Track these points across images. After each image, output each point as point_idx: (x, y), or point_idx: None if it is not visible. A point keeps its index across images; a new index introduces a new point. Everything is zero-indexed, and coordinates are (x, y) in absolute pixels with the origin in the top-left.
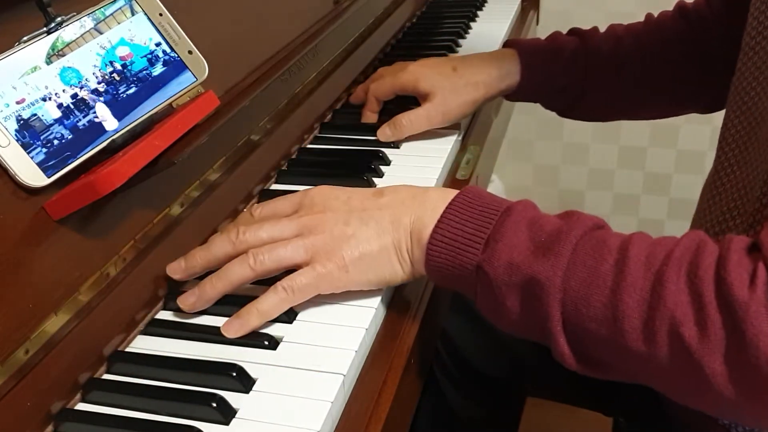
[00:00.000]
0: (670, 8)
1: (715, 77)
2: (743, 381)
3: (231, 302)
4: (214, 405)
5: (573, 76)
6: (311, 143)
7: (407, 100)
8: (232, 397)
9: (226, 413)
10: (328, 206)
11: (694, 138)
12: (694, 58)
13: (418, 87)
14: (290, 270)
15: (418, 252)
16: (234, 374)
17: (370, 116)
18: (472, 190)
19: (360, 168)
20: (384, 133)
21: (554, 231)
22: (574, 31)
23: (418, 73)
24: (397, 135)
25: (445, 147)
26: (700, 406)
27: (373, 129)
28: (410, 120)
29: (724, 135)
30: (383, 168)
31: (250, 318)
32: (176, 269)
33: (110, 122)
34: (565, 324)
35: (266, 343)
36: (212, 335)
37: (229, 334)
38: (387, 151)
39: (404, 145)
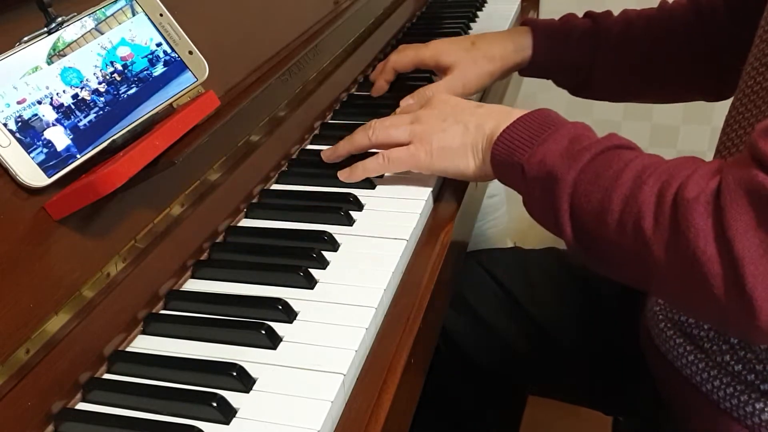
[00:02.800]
0: None
1: (721, 67)
2: (678, 267)
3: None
4: (215, 405)
5: (583, 55)
6: (311, 143)
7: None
8: (232, 397)
9: (227, 413)
10: (440, 106)
11: (694, 138)
12: (701, 47)
13: (440, 60)
14: None
15: (488, 151)
16: (234, 374)
17: (383, 86)
18: (544, 110)
19: None
20: (407, 103)
21: (588, 144)
22: (588, 14)
23: (440, 47)
24: (419, 104)
25: None
26: (657, 292)
27: None
28: (433, 91)
29: (731, 116)
30: None
31: (356, 170)
32: (328, 154)
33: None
34: (571, 215)
35: (267, 342)
36: (213, 335)
37: (342, 177)
38: None
39: None
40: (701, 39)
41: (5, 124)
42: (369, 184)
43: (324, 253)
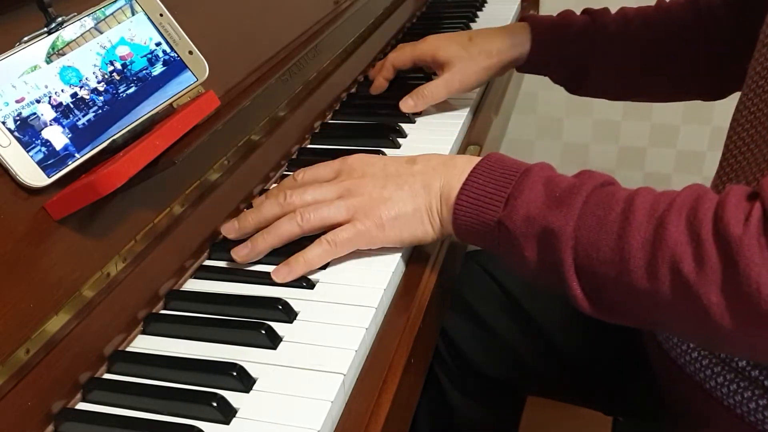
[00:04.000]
0: None
1: (719, 66)
2: (737, 310)
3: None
4: (215, 404)
5: (579, 52)
6: (312, 143)
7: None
8: (232, 397)
9: (227, 413)
10: (366, 172)
11: (694, 138)
12: (699, 46)
13: (437, 56)
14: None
15: (446, 212)
16: (234, 374)
17: (382, 83)
18: (495, 156)
19: None
20: (407, 103)
21: (568, 187)
22: (585, 11)
23: (437, 43)
24: (419, 104)
25: (445, 147)
26: (699, 339)
27: (374, 129)
28: (431, 90)
29: (737, 118)
30: None
31: (297, 265)
32: (230, 229)
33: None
34: (578, 269)
35: (267, 342)
36: (213, 335)
37: (279, 278)
38: (387, 151)
39: (404, 145)
40: (699, 38)
41: (4, 123)
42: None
43: None
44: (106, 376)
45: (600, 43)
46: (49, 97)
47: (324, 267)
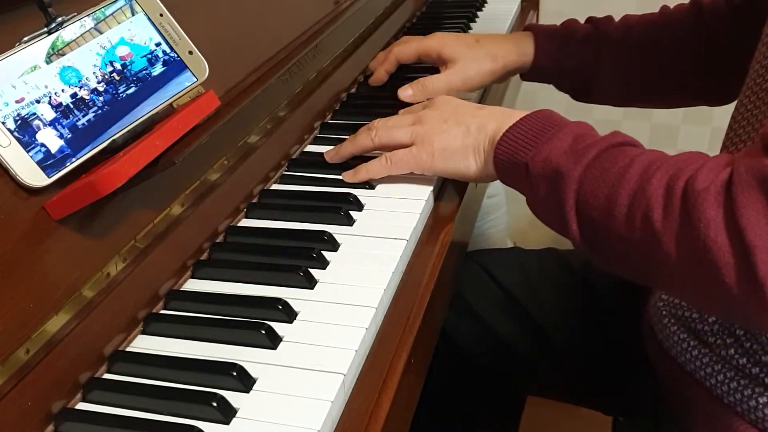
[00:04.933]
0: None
1: (723, 72)
2: (690, 258)
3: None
4: (215, 404)
5: (584, 60)
6: (311, 143)
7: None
8: (232, 397)
9: (227, 413)
10: (441, 107)
11: (694, 138)
12: (704, 53)
13: (443, 53)
14: None
15: (490, 151)
16: (234, 374)
17: (382, 76)
18: (546, 112)
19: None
20: (406, 92)
21: (592, 142)
22: (589, 19)
23: (444, 40)
24: (417, 96)
25: None
26: (665, 287)
27: None
28: (432, 83)
29: (735, 116)
30: None
31: (359, 171)
32: (331, 155)
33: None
34: (577, 211)
35: (267, 342)
36: (213, 335)
37: (346, 177)
38: None
39: None
40: (703, 44)
41: (4, 123)
42: (368, 184)
43: (324, 253)
44: (106, 376)
45: (604, 51)
46: (49, 98)
47: (324, 267)
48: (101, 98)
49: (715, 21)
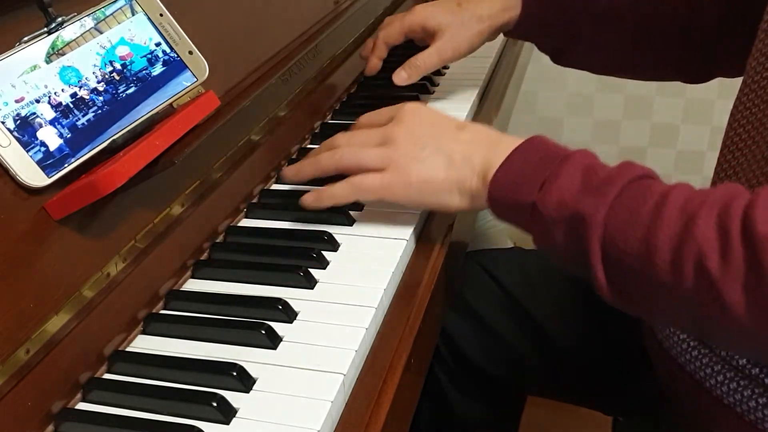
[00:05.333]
0: None
1: (707, 46)
2: (759, 310)
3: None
4: (215, 404)
5: (569, 21)
6: (311, 143)
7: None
8: (232, 397)
9: (227, 413)
10: (414, 125)
11: (694, 137)
12: (690, 26)
13: (426, 25)
14: None
15: (481, 187)
16: (234, 374)
17: (376, 64)
18: (538, 138)
19: None
20: (400, 75)
21: (606, 176)
22: None
23: (424, 12)
24: (413, 75)
25: None
26: (721, 338)
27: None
28: (423, 60)
29: (735, 114)
30: None
31: (323, 195)
32: (290, 174)
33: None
34: (604, 257)
35: (267, 342)
36: (213, 335)
37: (306, 203)
38: None
39: None
40: (690, 14)
41: (3, 123)
42: None
43: (324, 253)
44: (106, 376)
45: (590, 14)
46: (49, 97)
47: (324, 267)
48: (101, 98)
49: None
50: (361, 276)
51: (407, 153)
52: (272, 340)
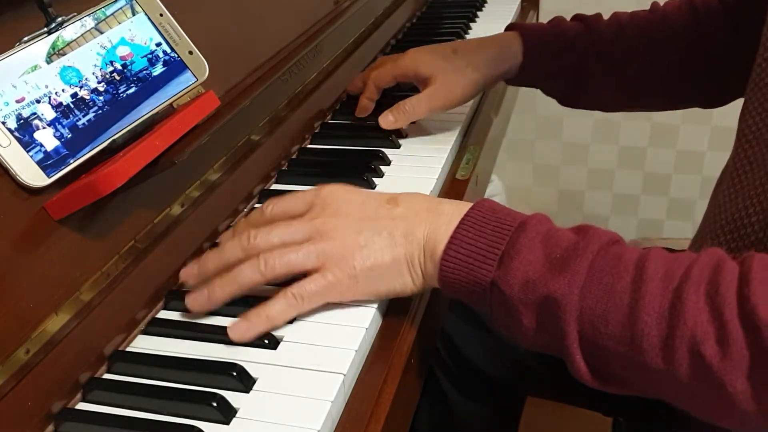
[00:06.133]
0: None
1: (718, 73)
2: (766, 397)
3: (236, 303)
4: (215, 404)
5: (574, 61)
6: (312, 143)
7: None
8: (232, 397)
9: (227, 413)
10: (341, 210)
11: (694, 138)
12: (699, 52)
13: (419, 71)
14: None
15: (431, 266)
16: (234, 374)
17: (367, 105)
18: (486, 203)
19: (360, 168)
20: (386, 119)
21: (570, 247)
22: (577, 17)
23: (418, 58)
24: (400, 121)
25: (444, 147)
26: (723, 422)
27: (373, 129)
28: (412, 105)
29: (743, 130)
30: (383, 168)
31: (258, 321)
32: (189, 275)
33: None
34: (582, 341)
35: (266, 342)
36: (213, 335)
37: (236, 337)
38: (387, 151)
39: (404, 145)
40: (698, 43)
41: (4, 123)
42: (371, 182)
43: None
44: (106, 376)
45: (596, 51)
46: (49, 97)
47: None
48: (101, 98)
49: (710, 20)
50: None
51: (344, 243)
52: (272, 340)
